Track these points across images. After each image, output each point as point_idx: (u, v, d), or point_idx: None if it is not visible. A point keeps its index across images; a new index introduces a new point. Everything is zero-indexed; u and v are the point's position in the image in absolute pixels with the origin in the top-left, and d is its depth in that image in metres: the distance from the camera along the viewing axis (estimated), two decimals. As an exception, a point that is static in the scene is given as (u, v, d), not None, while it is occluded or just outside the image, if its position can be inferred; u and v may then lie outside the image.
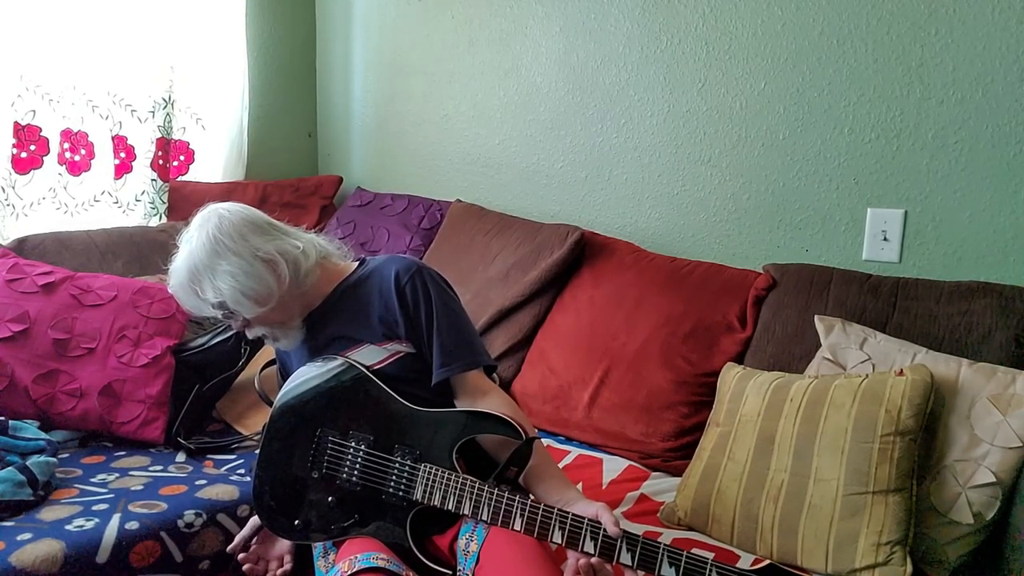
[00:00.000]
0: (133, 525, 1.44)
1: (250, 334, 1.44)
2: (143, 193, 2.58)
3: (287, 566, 1.36)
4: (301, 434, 1.31)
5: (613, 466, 1.78)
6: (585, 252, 2.16)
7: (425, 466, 1.24)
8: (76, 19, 2.40)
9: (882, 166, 1.82)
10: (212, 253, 1.35)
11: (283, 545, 1.39)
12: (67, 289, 1.88)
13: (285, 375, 1.51)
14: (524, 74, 2.46)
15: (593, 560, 1.11)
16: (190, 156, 2.79)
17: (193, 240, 1.37)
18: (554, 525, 1.14)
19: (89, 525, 1.42)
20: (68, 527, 1.41)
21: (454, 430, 1.26)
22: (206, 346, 1.93)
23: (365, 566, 1.17)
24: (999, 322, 1.53)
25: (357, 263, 1.51)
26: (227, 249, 1.35)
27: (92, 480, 1.62)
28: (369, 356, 1.37)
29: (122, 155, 2.55)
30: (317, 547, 1.34)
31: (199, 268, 1.35)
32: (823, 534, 1.35)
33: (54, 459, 1.58)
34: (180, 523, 1.48)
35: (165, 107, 2.57)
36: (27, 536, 1.37)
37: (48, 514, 1.46)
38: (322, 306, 1.44)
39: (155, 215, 2.60)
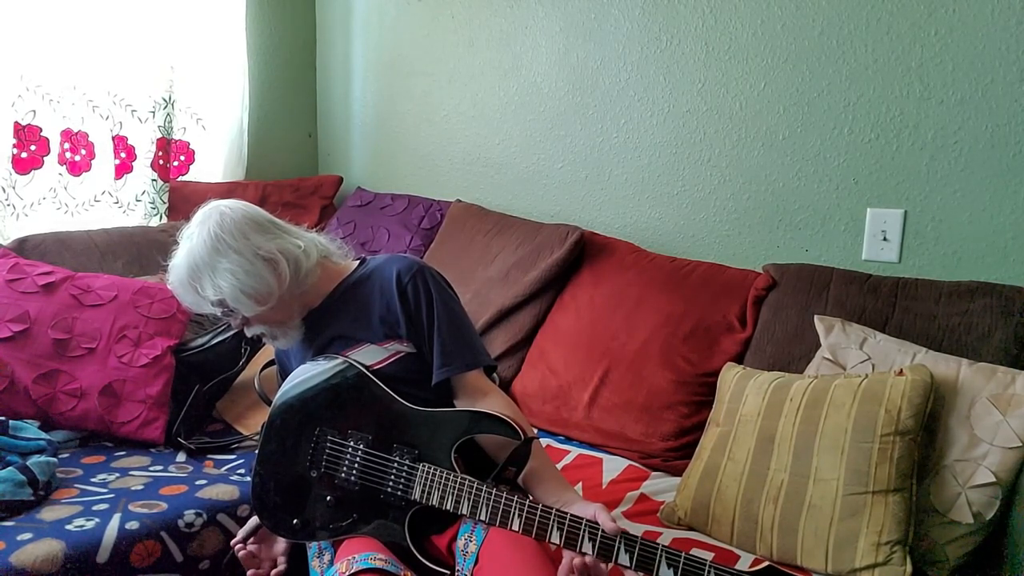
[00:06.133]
0: (133, 525, 1.44)
1: (249, 332, 1.44)
2: (143, 193, 2.59)
3: (281, 567, 1.36)
4: (300, 433, 1.31)
5: (613, 466, 1.78)
6: (585, 252, 2.16)
7: (424, 466, 1.24)
8: (76, 19, 2.40)
9: (882, 166, 1.82)
10: (213, 250, 1.34)
11: (280, 546, 1.39)
12: (67, 289, 1.89)
13: (284, 375, 1.50)
14: (524, 74, 2.46)
15: (588, 559, 1.11)
16: (190, 156, 2.79)
17: (194, 237, 1.37)
18: (552, 525, 1.14)
19: (89, 525, 1.42)
20: (68, 527, 1.41)
21: (453, 430, 1.26)
22: (206, 346, 1.93)
23: (364, 567, 1.17)
24: (999, 322, 1.53)
25: (358, 262, 1.51)
26: (228, 247, 1.34)
27: (92, 480, 1.62)
28: (369, 356, 1.37)
29: (122, 155, 2.56)
30: (312, 547, 1.34)
31: (199, 265, 1.35)
32: (823, 534, 1.35)
33: (54, 459, 1.58)
34: (180, 523, 1.49)
35: (165, 107, 2.57)
36: (27, 536, 1.37)
37: (48, 514, 1.46)
38: (322, 306, 1.44)
39: (155, 215, 2.60)
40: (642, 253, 2.11)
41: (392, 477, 1.25)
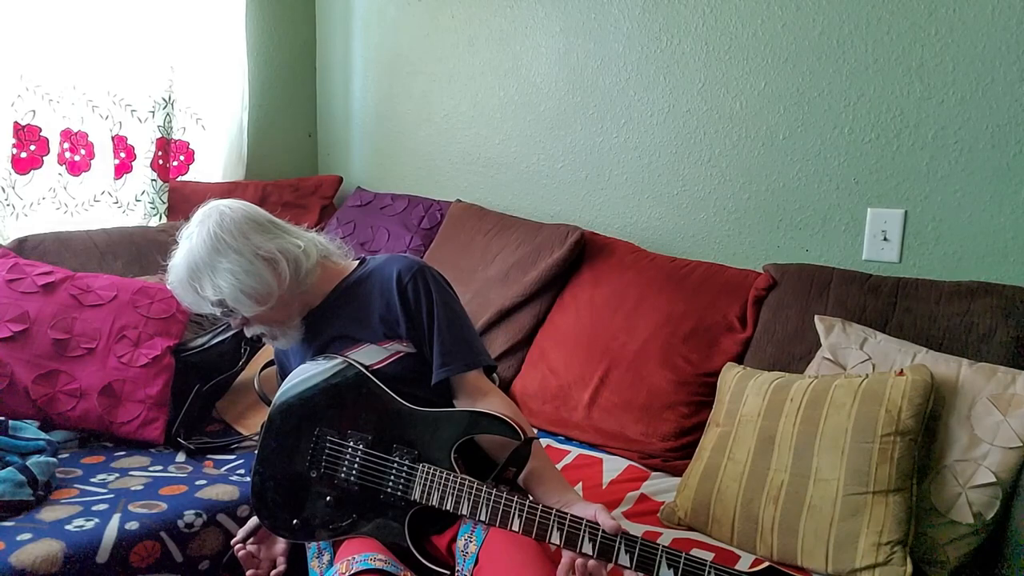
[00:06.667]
0: (133, 525, 1.44)
1: (248, 332, 1.44)
2: (143, 193, 2.58)
3: (280, 567, 1.36)
4: (300, 433, 1.31)
5: (613, 466, 1.77)
6: (585, 252, 2.16)
7: (423, 466, 1.24)
8: (76, 19, 2.40)
9: (882, 166, 1.82)
10: (212, 250, 1.34)
11: (279, 546, 1.39)
12: (67, 289, 1.88)
13: (284, 375, 1.50)
14: (524, 74, 2.46)
15: (590, 564, 1.11)
16: (190, 156, 2.79)
17: (194, 237, 1.36)
18: (552, 525, 1.14)
19: (89, 525, 1.42)
20: (68, 527, 1.41)
21: (453, 430, 1.25)
22: (206, 346, 1.93)
23: (363, 567, 1.17)
24: (999, 322, 1.53)
25: (357, 262, 1.50)
26: (228, 247, 1.34)
27: (92, 480, 1.62)
28: (369, 356, 1.37)
29: (122, 155, 2.55)
30: (311, 547, 1.34)
31: (199, 265, 1.35)
32: (823, 534, 1.35)
33: (54, 459, 1.58)
34: (180, 523, 1.49)
35: (165, 107, 2.57)
36: (27, 536, 1.37)
37: (48, 514, 1.46)
38: (322, 305, 1.44)
39: (155, 215, 2.60)
40: (642, 253, 2.11)
41: (392, 477, 1.25)
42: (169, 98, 2.58)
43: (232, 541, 1.39)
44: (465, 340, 1.39)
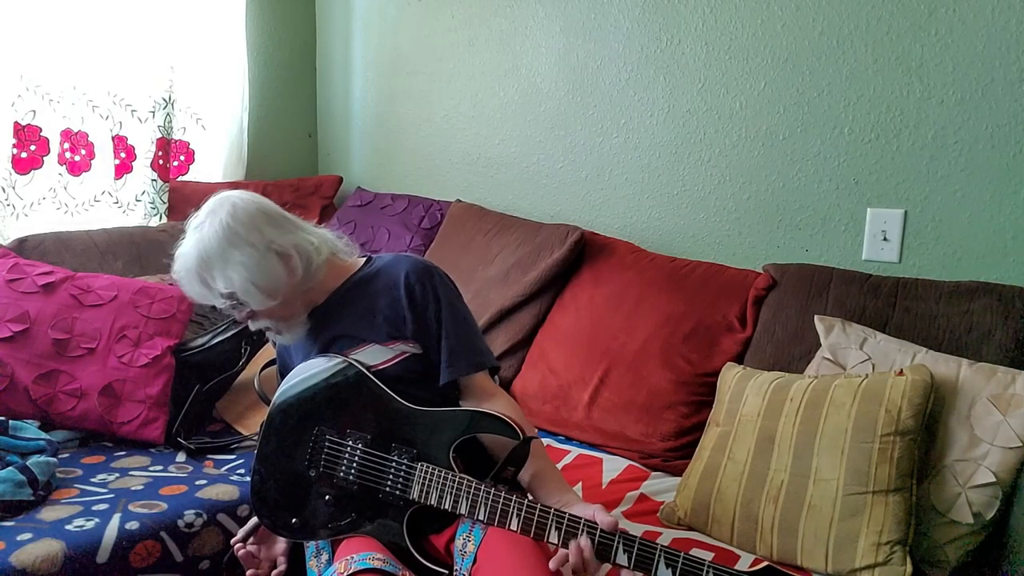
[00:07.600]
0: (133, 525, 1.44)
1: (253, 326, 1.42)
2: (143, 193, 2.59)
3: (281, 567, 1.35)
4: (299, 432, 1.31)
5: (613, 466, 1.78)
6: (585, 252, 2.16)
7: (422, 465, 1.24)
8: (76, 19, 2.40)
9: (882, 166, 1.82)
10: (226, 242, 1.32)
11: (279, 546, 1.38)
12: (67, 289, 1.88)
13: (285, 374, 1.50)
14: (524, 74, 2.46)
15: (583, 546, 1.10)
16: (190, 156, 2.79)
17: (205, 227, 1.33)
18: (551, 525, 1.14)
19: (89, 525, 1.42)
20: (68, 527, 1.41)
21: (452, 429, 1.25)
22: (206, 346, 1.93)
23: (362, 567, 1.16)
24: (999, 322, 1.53)
25: (364, 260, 1.50)
26: (241, 240, 1.32)
27: (92, 480, 1.62)
28: (374, 356, 1.36)
29: (122, 155, 2.56)
30: (309, 547, 1.34)
31: (211, 256, 1.32)
32: (823, 534, 1.35)
33: (54, 459, 1.58)
34: (180, 523, 1.49)
35: (165, 107, 2.57)
36: (27, 536, 1.37)
37: (48, 514, 1.46)
38: (327, 302, 1.43)
39: (155, 215, 2.60)
40: (642, 253, 2.11)
41: (390, 477, 1.25)
42: (169, 98, 2.58)
43: (232, 541, 1.39)
44: (471, 342, 1.39)
